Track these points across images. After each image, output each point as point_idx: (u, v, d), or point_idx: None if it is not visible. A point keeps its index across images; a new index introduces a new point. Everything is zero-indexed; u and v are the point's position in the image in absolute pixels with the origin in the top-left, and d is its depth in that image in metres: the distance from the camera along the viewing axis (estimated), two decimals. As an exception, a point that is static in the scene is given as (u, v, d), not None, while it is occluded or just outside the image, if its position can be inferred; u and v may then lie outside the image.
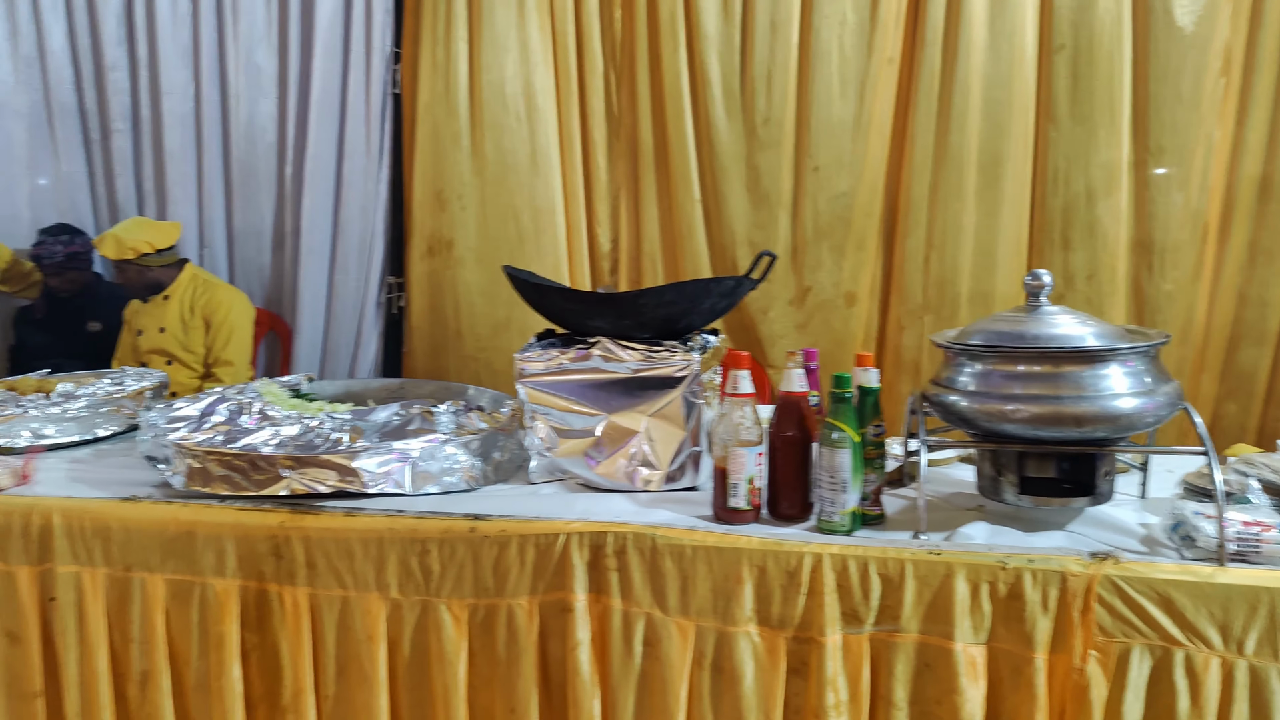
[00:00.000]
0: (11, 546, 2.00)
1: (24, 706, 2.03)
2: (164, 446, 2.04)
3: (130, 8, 3.81)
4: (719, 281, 2.06)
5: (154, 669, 1.97)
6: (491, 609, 1.85)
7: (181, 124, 3.84)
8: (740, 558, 1.75)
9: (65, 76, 3.92)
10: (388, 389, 2.58)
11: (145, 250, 3.35)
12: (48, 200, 3.97)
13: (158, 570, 1.96)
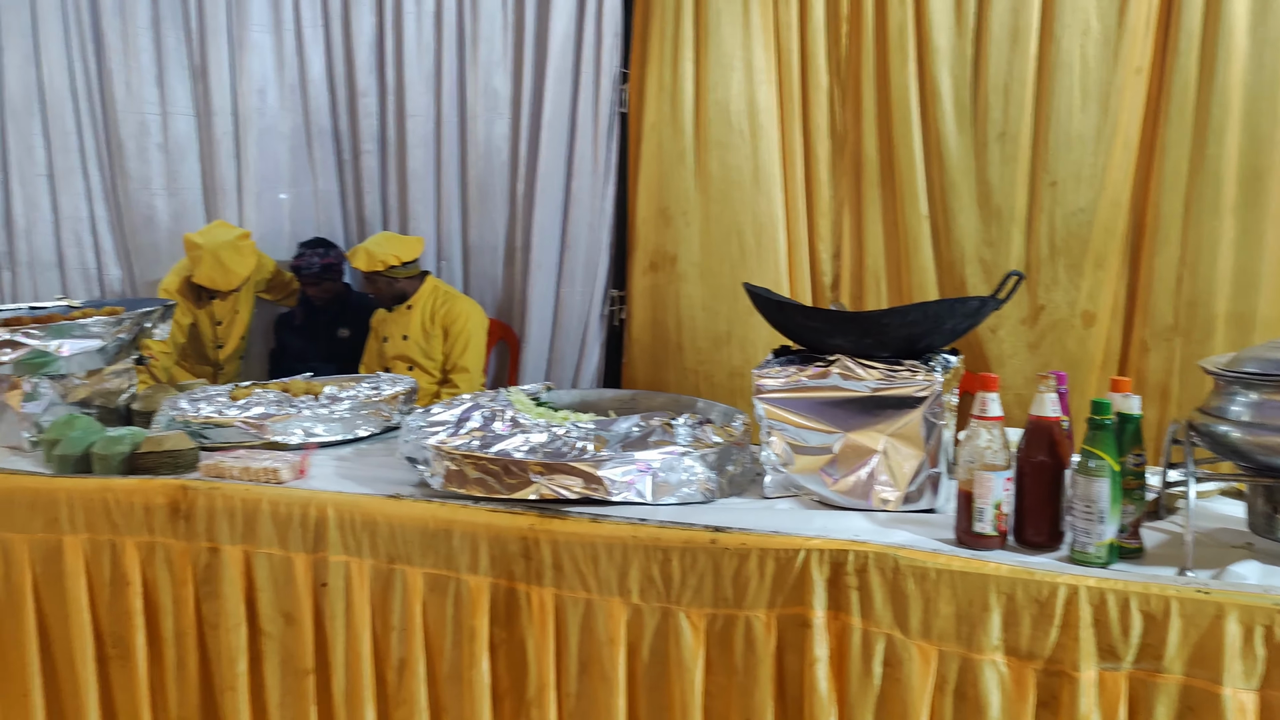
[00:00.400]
0: (291, 535, 2.20)
1: (297, 682, 2.22)
2: (423, 449, 2.19)
3: (381, 38, 4.11)
4: (963, 302, 2.03)
5: (411, 656, 2.11)
6: (730, 620, 1.88)
7: (423, 145, 4.10)
8: (987, 584, 1.71)
9: (323, 102, 4.26)
10: (620, 399, 2.66)
11: (392, 263, 3.61)
12: (306, 215, 4.33)
13: (417, 564, 2.10)
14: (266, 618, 2.23)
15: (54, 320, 2.69)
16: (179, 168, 4.43)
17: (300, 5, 4.18)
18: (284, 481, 2.28)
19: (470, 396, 2.42)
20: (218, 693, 2.30)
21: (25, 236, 4.80)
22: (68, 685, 2.46)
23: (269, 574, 2.22)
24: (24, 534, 2.43)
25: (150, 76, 4.37)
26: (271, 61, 4.26)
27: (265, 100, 4.27)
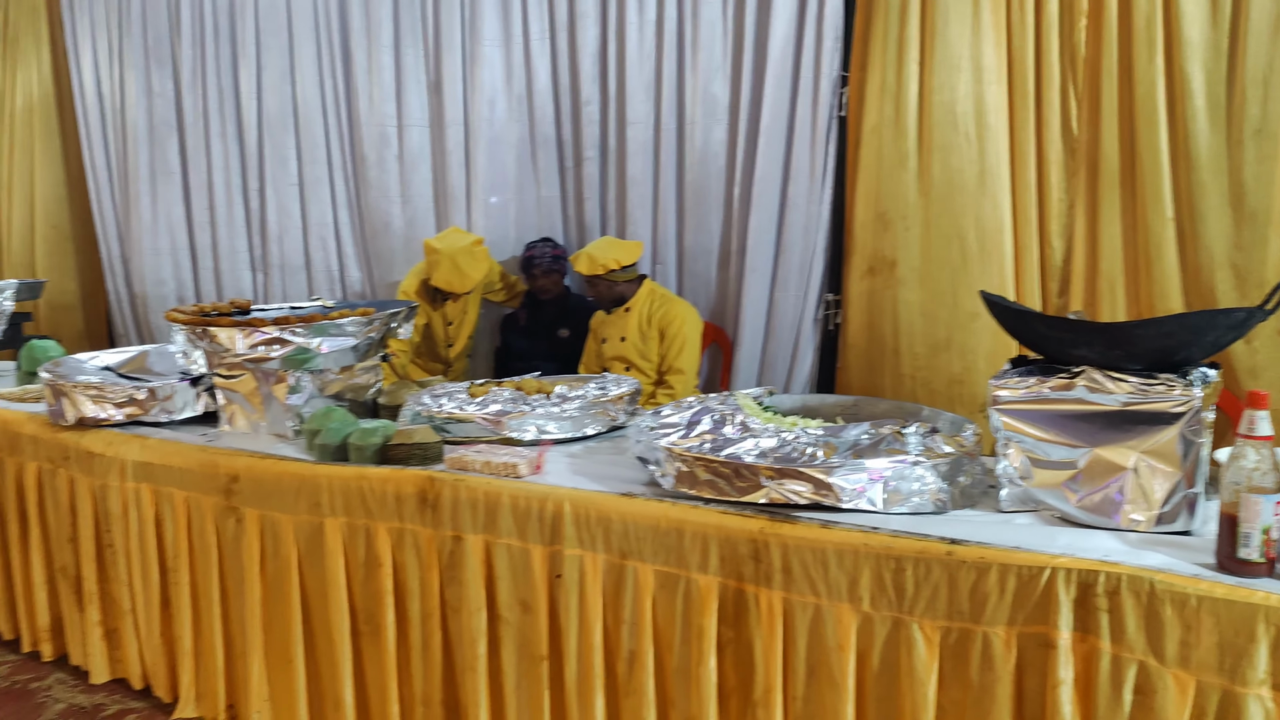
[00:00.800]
0: (529, 527, 2.31)
1: (532, 667, 2.34)
2: (655, 450, 2.26)
3: (604, 48, 4.24)
4: (1228, 313, 1.90)
5: (640, 650, 2.19)
6: (965, 634, 1.85)
7: (643, 151, 4.21)
8: (1255, 614, 1.61)
9: (548, 112, 4.44)
10: (842, 405, 2.65)
11: (613, 267, 3.73)
12: (529, 220, 4.53)
13: (649, 561, 2.17)
14: (505, 604, 2.36)
15: (315, 320, 2.94)
16: (413, 176, 4.73)
17: (529, 19, 4.37)
18: (522, 476, 2.40)
19: (699, 400, 2.48)
20: (459, 672, 2.46)
21: (278, 241, 5.25)
22: (325, 655, 2.68)
23: (508, 563, 2.34)
24: (290, 515, 2.67)
25: (390, 92, 4.69)
26: (500, 74, 4.48)
27: (494, 111, 4.50)
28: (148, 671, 3.12)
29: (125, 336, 6.01)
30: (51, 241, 6.17)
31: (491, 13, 4.43)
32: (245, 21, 5.12)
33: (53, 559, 3.27)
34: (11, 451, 3.31)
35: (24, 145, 6.18)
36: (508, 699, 2.37)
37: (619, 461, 2.51)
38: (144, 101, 5.57)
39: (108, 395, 3.10)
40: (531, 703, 2.33)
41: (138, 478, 2.98)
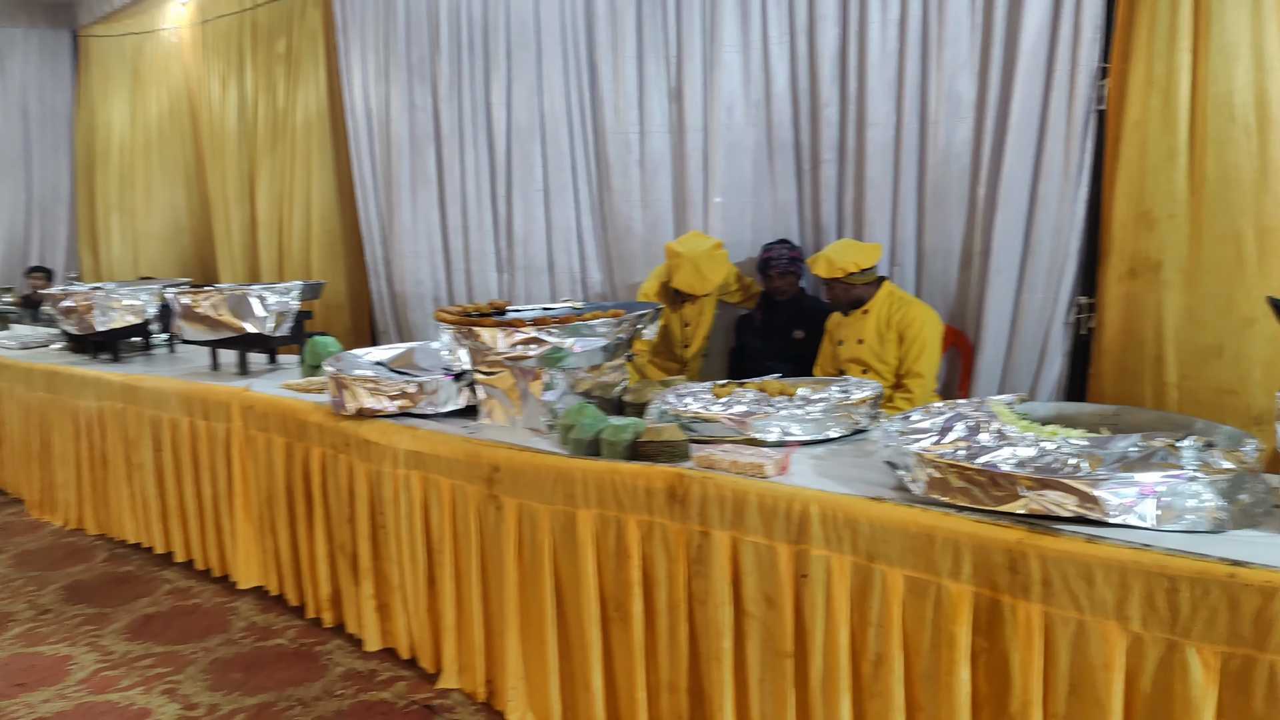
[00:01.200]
0: (775, 526, 2.36)
1: (776, 662, 2.38)
2: (904, 454, 2.25)
3: (844, 49, 4.23)
4: None
5: (888, 653, 2.19)
6: (1248, 661, 1.74)
7: (881, 153, 4.16)
8: None
9: (785, 116, 4.47)
10: (1102, 415, 2.53)
11: (852, 270, 3.71)
12: (765, 224, 4.57)
13: (897, 565, 2.17)
14: (750, 599, 2.41)
15: (569, 321, 3.10)
16: (653, 182, 4.88)
17: (768, 23, 4.41)
18: (768, 476, 2.45)
19: (950, 405, 2.44)
20: (704, 662, 2.54)
21: (523, 244, 5.55)
22: (576, 638, 2.84)
23: (754, 560, 2.40)
24: (546, 504, 2.84)
25: (633, 100, 4.86)
26: (739, 79, 4.55)
27: (732, 116, 4.57)
28: (414, 643, 3.39)
29: (386, 333, 6.52)
30: (325, 245, 6.78)
31: (731, 20, 4.50)
32: (497, 39, 5.44)
33: (333, 536, 3.61)
34: (300, 437, 3.68)
35: (303, 157, 6.83)
36: (752, 691, 2.43)
37: (864, 464, 2.52)
38: (406, 115, 6.03)
39: (383, 388, 3.39)
40: (775, 697, 2.38)
41: (408, 465, 3.25)
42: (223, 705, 3.17)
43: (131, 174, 8.78)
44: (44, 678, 3.41)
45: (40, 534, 5.05)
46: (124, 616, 3.92)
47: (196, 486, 4.22)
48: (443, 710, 3.09)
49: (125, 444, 4.58)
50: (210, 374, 4.46)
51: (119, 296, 4.99)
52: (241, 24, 7.26)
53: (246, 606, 3.95)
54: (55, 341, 5.85)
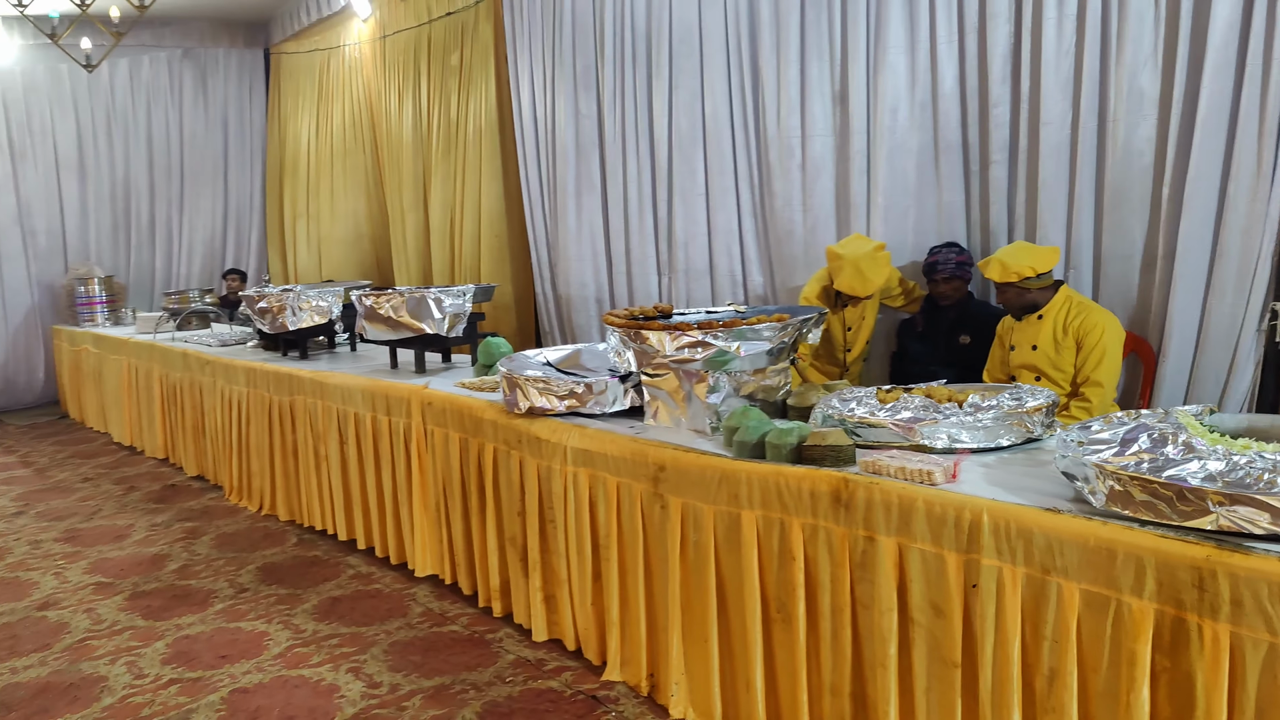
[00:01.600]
0: (944, 534, 2.34)
1: (944, 671, 2.36)
2: (1082, 465, 2.19)
3: (1017, 47, 4.12)
4: None
5: (1062, 669, 2.14)
6: None
7: (1056, 153, 4.03)
8: None
9: (953, 116, 4.38)
10: (1299, 429, 2.40)
11: (1027, 274, 3.61)
12: (929, 227, 4.50)
13: (1074, 579, 2.12)
14: (917, 607, 2.40)
15: (734, 325, 3.14)
16: (814, 185, 4.88)
17: (936, 23, 4.34)
18: (937, 484, 2.43)
19: (1133, 416, 2.37)
20: (867, 668, 2.54)
21: (684, 248, 5.63)
22: (738, 637, 2.88)
23: (921, 567, 2.39)
24: (711, 505, 2.90)
25: (796, 104, 4.87)
26: (904, 81, 4.49)
27: (896, 119, 4.52)
28: (580, 635, 3.51)
29: (550, 335, 6.73)
30: (493, 249, 7.05)
31: (897, 20, 4.45)
32: (661, 46, 5.54)
33: (504, 529, 3.78)
34: (474, 433, 3.86)
35: (474, 165, 7.12)
36: (918, 700, 2.42)
37: (1037, 474, 2.47)
38: (572, 123, 6.21)
39: (553, 388, 3.52)
40: (943, 706, 2.36)
41: (576, 462, 3.37)
42: (403, 685, 3.37)
43: (317, 183, 9.35)
44: (244, 651, 3.69)
45: (238, 518, 5.46)
46: (313, 597, 4.20)
47: (378, 478, 4.48)
48: (607, 701, 3.19)
49: (314, 436, 4.90)
50: (390, 372, 4.73)
51: (308, 298, 5.34)
52: (418, 38, 7.62)
53: (423, 593, 4.17)
54: (250, 339, 6.31)
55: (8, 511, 5.88)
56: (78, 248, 9.55)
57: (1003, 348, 3.85)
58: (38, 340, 9.45)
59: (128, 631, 3.93)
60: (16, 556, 4.99)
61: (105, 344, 7.90)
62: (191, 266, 10.05)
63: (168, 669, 3.57)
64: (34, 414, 9.35)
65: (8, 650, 3.80)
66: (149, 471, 6.75)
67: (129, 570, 4.67)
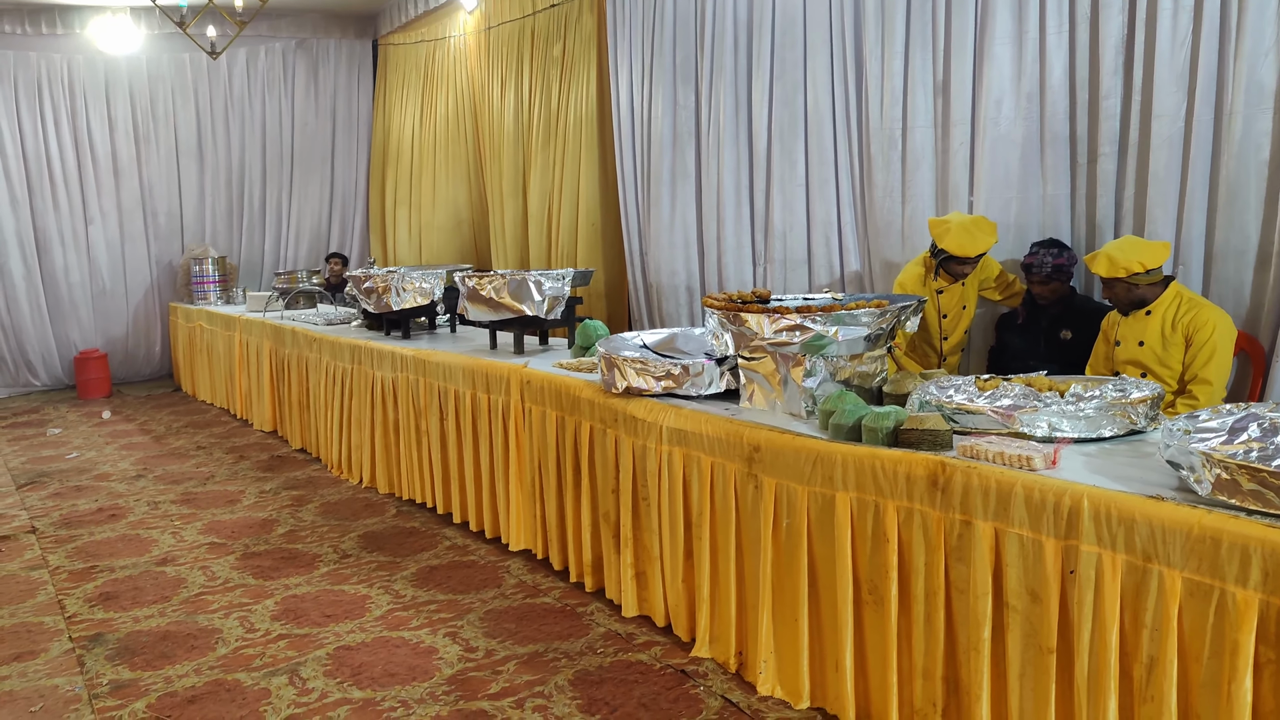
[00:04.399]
0: (1043, 520, 2.34)
1: (1038, 658, 2.36)
2: (1188, 454, 2.17)
3: (1130, 38, 4.03)
4: None
5: (1162, 657, 2.13)
6: None
7: (1168, 145, 3.93)
8: None
9: (1060, 108, 4.31)
10: None
11: (1136, 270, 3.53)
12: (1032, 220, 4.43)
13: (1176, 567, 2.10)
14: (1013, 592, 2.41)
15: (833, 310, 3.17)
16: (914, 176, 4.85)
17: (1045, 13, 4.28)
18: (1036, 470, 2.43)
19: (1242, 406, 2.33)
20: (961, 651, 2.55)
21: (781, 238, 5.65)
22: (828, 618, 2.92)
23: (1018, 552, 2.39)
24: (805, 486, 2.94)
25: (898, 96, 4.84)
26: (1010, 72, 4.43)
27: (1001, 110, 4.46)
28: (670, 611, 3.58)
29: (641, 321, 6.81)
30: (588, 237, 7.17)
31: (1005, 11, 4.39)
32: (762, 38, 5.56)
33: (598, 506, 3.86)
34: (571, 412, 3.95)
35: (573, 154, 7.24)
36: (1011, 685, 2.42)
37: (1140, 464, 2.45)
38: (669, 113, 6.28)
39: (650, 369, 3.60)
40: (1037, 692, 2.36)
41: (671, 442, 3.43)
42: (498, 650, 3.48)
43: (420, 170, 9.61)
44: (348, 612, 3.86)
45: (340, 488, 5.68)
46: (411, 565, 4.35)
47: (476, 453, 4.62)
48: (696, 676, 3.25)
49: (415, 412, 5.07)
50: (489, 352, 4.86)
51: (411, 279, 5.51)
52: (522, 30, 7.77)
53: (516, 566, 4.29)
54: (354, 319, 6.53)
55: (129, 474, 6.22)
56: (194, 229, 10.00)
57: (1107, 343, 3.79)
58: (155, 316, 9.94)
59: (239, 589, 4.13)
60: (137, 516, 5.28)
61: (217, 321, 8.26)
62: (299, 249, 10.43)
63: (277, 624, 3.75)
64: (150, 385, 9.83)
65: (131, 600, 4.04)
66: (258, 442, 7.04)
67: (240, 532, 4.91)
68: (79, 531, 5.02)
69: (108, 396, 9.31)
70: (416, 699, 3.15)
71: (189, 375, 9.25)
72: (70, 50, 9.25)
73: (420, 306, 5.56)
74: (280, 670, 3.38)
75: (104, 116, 9.48)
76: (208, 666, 3.42)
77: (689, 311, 6.40)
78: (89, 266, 9.59)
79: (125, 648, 3.59)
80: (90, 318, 9.65)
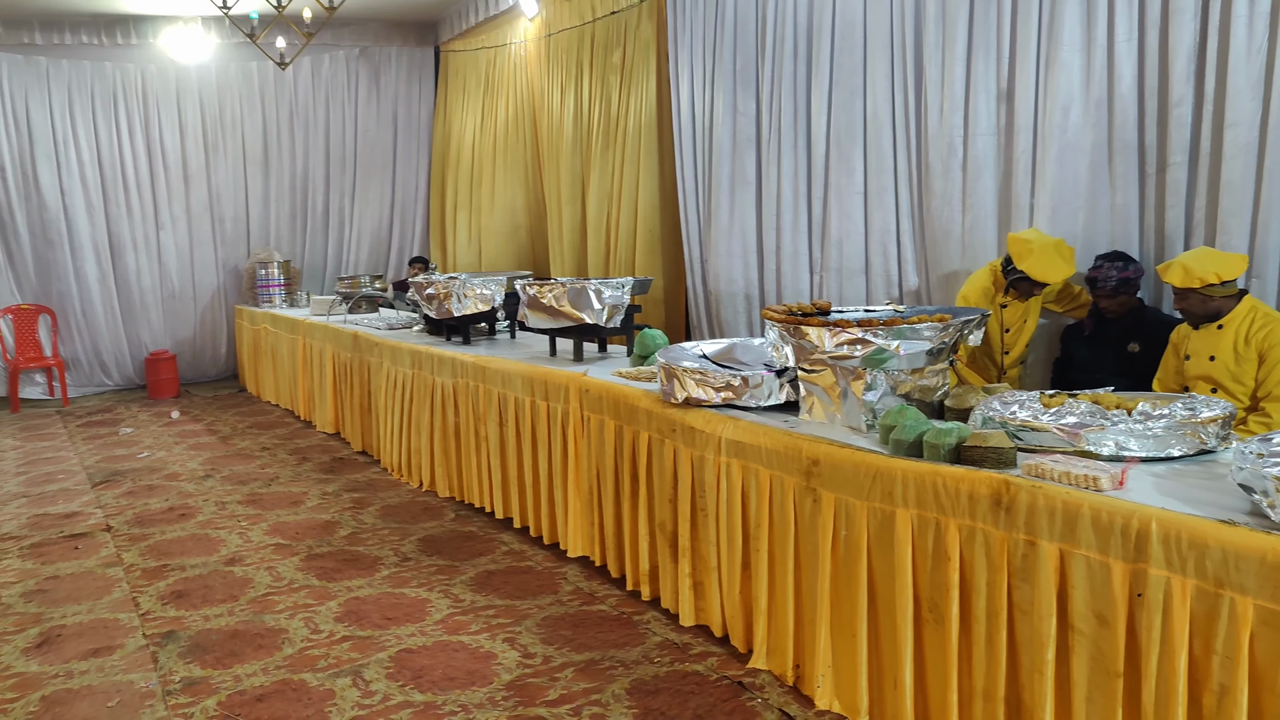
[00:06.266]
0: (1111, 542, 2.30)
1: (1106, 682, 2.33)
2: (1262, 478, 2.12)
3: (1203, 44, 3.94)
4: None
5: (1233, 685, 2.08)
6: None
7: (1243, 154, 3.84)
8: None
9: (1130, 116, 4.23)
10: None
11: (1211, 280, 3.45)
12: (1100, 229, 4.35)
13: (1249, 594, 2.06)
14: (1079, 615, 2.37)
15: (894, 324, 3.15)
16: (975, 185, 4.79)
17: (1115, 20, 4.20)
18: (1103, 490, 2.39)
19: (1319, 430, 2.27)
20: (1024, 673, 2.52)
21: (837, 246, 5.61)
22: (887, 635, 2.90)
23: (1085, 575, 2.36)
24: (865, 501, 2.92)
25: (959, 102, 4.79)
26: (1079, 79, 4.36)
27: (1068, 117, 4.39)
28: (726, 622, 3.58)
29: (699, 329, 6.81)
30: (646, 244, 7.19)
31: (1073, 17, 4.32)
32: (822, 44, 5.54)
33: (655, 515, 3.88)
34: (629, 421, 3.97)
35: (632, 160, 7.27)
36: (1076, 708, 2.38)
37: (1211, 486, 2.40)
38: (730, 120, 6.27)
39: (709, 380, 3.60)
40: (1104, 716, 2.32)
41: (730, 454, 3.43)
42: (555, 657, 3.51)
43: (479, 176, 9.71)
44: (408, 615, 3.92)
45: (400, 491, 5.77)
46: (469, 570, 4.41)
47: (534, 460, 4.66)
48: (752, 688, 3.25)
49: (475, 418, 5.13)
50: (548, 359, 4.90)
51: (472, 286, 5.58)
52: (581, 36, 7.82)
53: (573, 572, 4.32)
54: (415, 324, 6.63)
55: (197, 474, 6.38)
56: (259, 234, 10.22)
57: (1177, 357, 3.71)
58: (222, 319, 10.18)
59: (304, 590, 4.22)
60: (206, 515, 5.42)
61: (281, 324, 8.43)
62: (360, 254, 10.61)
63: (340, 626, 3.83)
64: (216, 387, 10.06)
65: (201, 599, 4.15)
66: (320, 444, 7.18)
67: (304, 534, 5.01)
68: (151, 530, 5.16)
69: (176, 397, 9.56)
70: (476, 704, 3.19)
71: (253, 377, 9.46)
72: (143, 60, 9.51)
73: (481, 313, 5.63)
74: (344, 672, 3.44)
75: (175, 124, 9.73)
76: (275, 666, 3.50)
77: (747, 319, 6.38)
78: (159, 270, 9.86)
79: (196, 645, 3.69)
80: (160, 319, 9.92)
